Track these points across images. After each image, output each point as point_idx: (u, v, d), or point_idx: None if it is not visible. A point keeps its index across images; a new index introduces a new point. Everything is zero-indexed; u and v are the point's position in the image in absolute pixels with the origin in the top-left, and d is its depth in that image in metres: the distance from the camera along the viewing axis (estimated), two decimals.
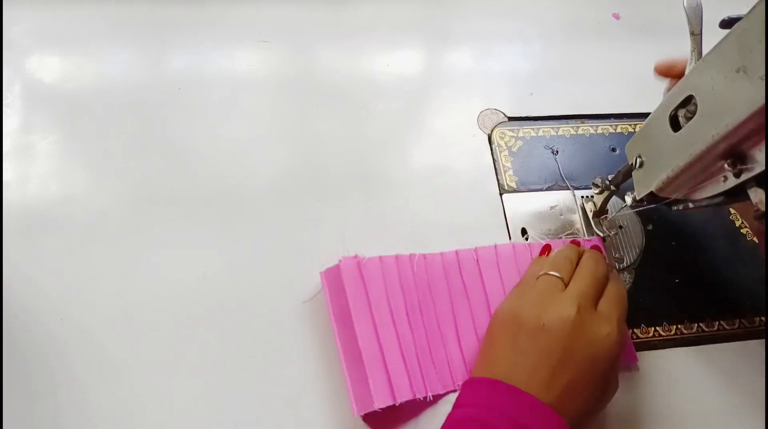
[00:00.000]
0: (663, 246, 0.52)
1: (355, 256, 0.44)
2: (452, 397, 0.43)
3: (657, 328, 0.48)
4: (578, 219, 0.52)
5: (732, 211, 0.54)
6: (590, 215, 0.51)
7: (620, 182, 0.46)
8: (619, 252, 0.50)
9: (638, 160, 0.42)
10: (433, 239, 0.48)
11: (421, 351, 0.44)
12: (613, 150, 0.56)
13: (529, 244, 0.48)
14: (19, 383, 0.41)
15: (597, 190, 0.49)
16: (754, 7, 0.31)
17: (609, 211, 0.51)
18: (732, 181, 0.35)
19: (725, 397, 0.47)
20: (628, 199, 0.45)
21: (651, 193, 0.41)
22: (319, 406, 0.42)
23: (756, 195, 0.35)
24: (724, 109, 0.33)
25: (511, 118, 0.56)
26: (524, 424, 0.36)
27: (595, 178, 0.49)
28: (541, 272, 0.43)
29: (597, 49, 0.61)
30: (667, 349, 0.48)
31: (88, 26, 0.54)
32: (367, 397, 0.41)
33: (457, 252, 0.47)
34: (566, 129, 0.56)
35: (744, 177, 0.34)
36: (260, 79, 0.54)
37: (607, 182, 0.47)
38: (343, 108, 0.48)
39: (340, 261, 0.43)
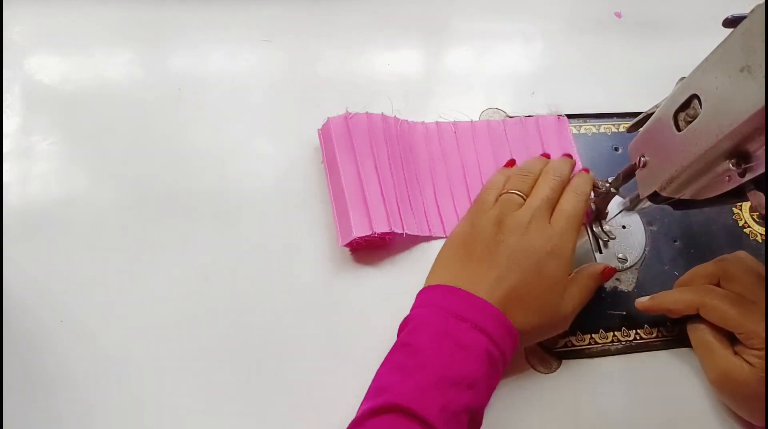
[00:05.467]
0: (666, 246, 0.51)
1: (345, 113, 0.48)
2: (424, 247, 0.48)
3: (660, 328, 0.48)
4: None
5: (735, 210, 0.54)
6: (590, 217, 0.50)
7: (620, 185, 0.46)
8: (623, 252, 0.50)
9: (642, 159, 0.42)
10: None
11: (400, 195, 0.48)
12: (616, 149, 0.55)
13: (503, 122, 0.54)
14: (20, 385, 0.40)
15: (597, 194, 0.48)
16: (758, 5, 0.31)
17: (610, 212, 0.50)
18: (736, 181, 0.35)
19: None
20: (631, 200, 0.45)
21: (655, 192, 0.41)
22: (323, 399, 0.42)
23: (755, 198, 0.35)
24: (729, 109, 0.32)
25: (512, 118, 0.56)
26: (464, 317, 0.37)
27: (595, 181, 0.48)
28: (504, 190, 0.44)
29: (598, 47, 0.61)
30: (669, 350, 0.48)
31: (88, 26, 0.54)
32: (348, 229, 0.45)
33: (437, 122, 0.53)
34: None
35: (748, 177, 0.34)
36: (261, 79, 0.54)
37: (607, 185, 0.46)
38: (343, 108, 0.48)
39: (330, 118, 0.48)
